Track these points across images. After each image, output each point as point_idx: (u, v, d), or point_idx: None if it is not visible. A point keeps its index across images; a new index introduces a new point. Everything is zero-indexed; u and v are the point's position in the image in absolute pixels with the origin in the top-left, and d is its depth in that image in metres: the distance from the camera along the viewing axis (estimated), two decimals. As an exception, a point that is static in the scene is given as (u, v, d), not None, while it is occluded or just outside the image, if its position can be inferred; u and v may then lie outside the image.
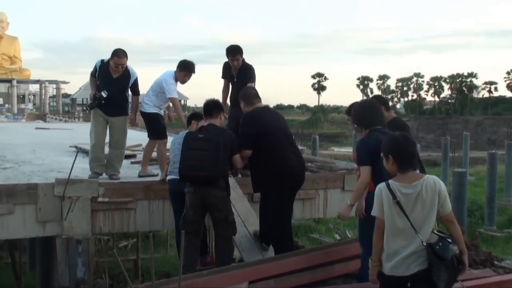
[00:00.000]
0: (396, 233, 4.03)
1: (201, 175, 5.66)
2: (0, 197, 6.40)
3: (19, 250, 12.02)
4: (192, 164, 5.66)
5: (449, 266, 3.90)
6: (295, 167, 6.22)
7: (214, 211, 5.83)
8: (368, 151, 5.01)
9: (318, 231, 16.14)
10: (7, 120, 42.84)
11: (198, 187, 5.73)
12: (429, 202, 3.98)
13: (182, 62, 7.53)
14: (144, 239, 14.07)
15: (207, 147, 5.66)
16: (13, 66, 71.85)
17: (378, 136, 4.98)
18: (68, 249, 6.55)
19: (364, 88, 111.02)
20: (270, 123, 6.18)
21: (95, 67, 7.43)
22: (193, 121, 6.89)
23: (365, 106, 5.58)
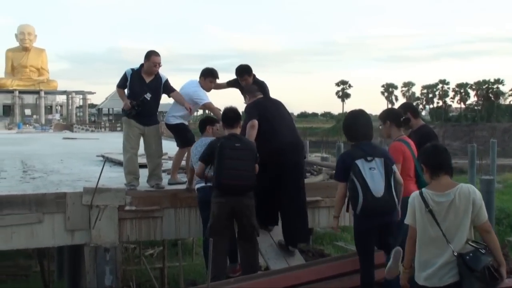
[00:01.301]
0: (428, 242, 3.99)
1: (241, 184, 5.72)
2: (30, 206, 6.50)
3: (47, 259, 12.16)
4: (234, 174, 5.67)
5: (481, 278, 3.78)
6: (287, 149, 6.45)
7: (243, 218, 5.86)
8: (342, 167, 5.17)
9: (343, 239, 16.03)
10: (35, 131, 43.62)
11: (231, 196, 5.75)
12: (462, 210, 3.90)
13: (206, 70, 7.60)
14: (170, 247, 14.12)
15: (245, 157, 5.73)
16: (40, 77, 73.07)
17: (355, 152, 5.11)
18: (96, 258, 6.61)
19: (388, 95, 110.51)
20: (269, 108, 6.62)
21: (124, 77, 7.35)
22: (208, 127, 6.91)
23: (352, 117, 5.52)
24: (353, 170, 4.94)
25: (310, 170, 8.81)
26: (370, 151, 5.08)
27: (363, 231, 5.18)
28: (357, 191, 4.90)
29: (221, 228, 5.90)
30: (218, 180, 5.73)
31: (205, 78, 7.55)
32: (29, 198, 6.56)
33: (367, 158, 4.99)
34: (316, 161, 10.47)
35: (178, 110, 7.54)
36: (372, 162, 4.98)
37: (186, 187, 7.16)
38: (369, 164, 4.96)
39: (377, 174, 4.93)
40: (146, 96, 7.21)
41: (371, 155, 5.02)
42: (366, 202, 4.88)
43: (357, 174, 4.92)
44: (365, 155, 5.01)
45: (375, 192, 4.88)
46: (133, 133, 7.35)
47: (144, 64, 7.30)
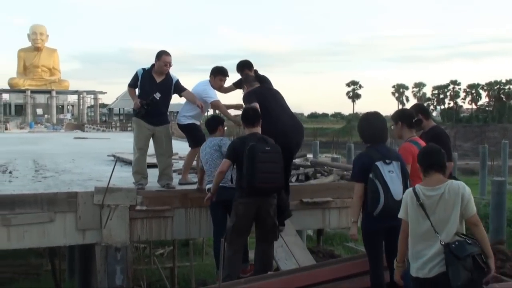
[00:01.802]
0: (419, 235, 4.17)
1: (273, 186, 5.78)
2: (42, 206, 6.55)
3: (59, 258, 12.24)
4: (268, 177, 5.68)
5: (466, 266, 3.93)
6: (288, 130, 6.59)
7: (267, 218, 5.90)
8: (361, 167, 5.13)
9: (353, 240, 15.99)
10: (46, 130, 43.92)
11: (258, 196, 5.78)
12: (452, 204, 4.09)
13: (215, 68, 7.59)
14: (180, 247, 14.17)
15: (276, 159, 5.76)
16: (52, 77, 73.54)
17: (373, 154, 5.10)
18: (107, 257, 6.65)
19: (399, 96, 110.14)
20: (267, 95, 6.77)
21: (135, 77, 7.38)
22: (220, 127, 6.90)
23: (368, 119, 5.49)
24: (373, 172, 4.94)
25: (320, 171, 8.80)
26: (386, 154, 5.10)
27: (374, 231, 5.15)
28: (378, 192, 4.89)
29: (243, 228, 5.93)
30: (252, 184, 5.67)
31: (215, 76, 7.55)
32: (41, 197, 6.61)
33: (386, 160, 4.99)
34: (327, 161, 10.45)
35: (189, 110, 7.55)
36: (390, 165, 4.99)
37: (196, 187, 7.18)
38: (388, 167, 4.97)
39: (395, 177, 4.95)
40: (155, 95, 7.22)
41: (388, 158, 5.02)
42: (387, 204, 4.87)
43: (378, 175, 4.92)
44: (383, 158, 5.02)
45: (395, 194, 4.88)
46: (143, 133, 7.36)
47: (155, 64, 7.33)
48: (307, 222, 7.94)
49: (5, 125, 50.78)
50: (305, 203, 7.61)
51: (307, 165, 9.14)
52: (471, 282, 3.95)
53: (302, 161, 9.54)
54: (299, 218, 7.59)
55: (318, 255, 10.52)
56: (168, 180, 7.41)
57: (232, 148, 6.02)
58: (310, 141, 27.50)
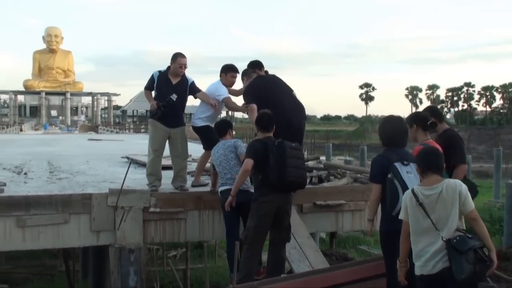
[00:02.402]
0: (421, 233, 4.29)
1: (301, 182, 5.98)
2: (56, 207, 6.60)
3: (72, 259, 12.31)
4: (297, 172, 5.85)
5: (468, 259, 4.01)
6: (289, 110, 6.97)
7: (285, 218, 5.98)
8: (380, 168, 5.18)
9: (366, 243, 15.94)
10: (61, 132, 44.27)
11: (281, 194, 5.86)
12: (450, 201, 4.20)
13: (225, 66, 7.65)
14: (193, 249, 14.19)
15: (301, 156, 6.04)
16: (66, 79, 74.11)
17: (391, 156, 5.15)
18: (121, 258, 6.68)
19: (413, 98, 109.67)
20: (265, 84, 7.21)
21: (151, 79, 7.42)
22: (229, 130, 6.92)
23: (391, 123, 5.51)
24: (392, 172, 4.98)
25: (334, 173, 8.78)
26: (404, 156, 5.14)
27: (392, 232, 5.13)
28: (396, 192, 4.92)
29: (265, 227, 5.95)
30: (283, 178, 5.74)
31: (226, 73, 7.58)
32: (56, 198, 6.66)
33: (404, 162, 5.02)
34: (340, 164, 10.41)
35: (204, 112, 7.57)
36: (408, 166, 5.02)
37: (210, 190, 7.19)
38: (406, 168, 5.00)
39: (413, 178, 4.96)
40: (172, 97, 7.25)
41: (406, 160, 5.06)
42: None
43: (397, 175, 4.96)
44: (401, 159, 5.06)
45: None
46: (159, 135, 7.39)
47: (171, 66, 7.36)
48: (321, 224, 7.94)
49: (20, 126, 51.25)
50: (318, 206, 7.60)
51: (320, 168, 9.13)
52: (475, 274, 4.05)
53: (316, 164, 9.53)
54: (313, 221, 7.59)
55: (331, 258, 10.49)
56: (182, 182, 7.43)
57: (253, 148, 6.07)
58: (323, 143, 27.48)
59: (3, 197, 6.63)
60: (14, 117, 67.51)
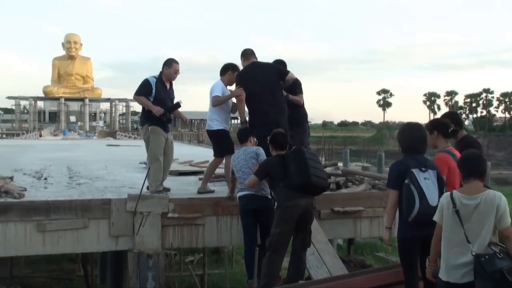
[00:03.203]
0: (452, 241, 4.20)
1: (324, 185, 6.05)
2: (76, 212, 6.65)
3: (91, 263, 12.40)
4: (320, 174, 5.91)
5: (494, 281, 3.93)
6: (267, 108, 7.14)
7: (309, 221, 5.96)
8: (397, 174, 5.13)
9: (384, 250, 15.86)
10: (79, 137, 44.62)
11: (305, 197, 5.84)
12: (486, 215, 4.09)
13: (225, 65, 7.71)
14: (210, 255, 14.21)
15: (319, 161, 6.10)
16: (85, 85, 74.76)
17: (409, 162, 5.09)
18: (139, 263, 6.70)
19: (431, 104, 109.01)
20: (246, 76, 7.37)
21: (148, 85, 7.37)
22: (251, 137, 6.91)
23: (410, 130, 5.45)
24: (409, 178, 4.95)
25: (351, 180, 8.76)
26: (423, 162, 5.09)
27: (409, 238, 5.10)
28: (413, 197, 4.89)
29: (289, 232, 5.91)
30: (306, 178, 5.79)
31: (225, 73, 7.65)
32: (75, 203, 6.72)
33: (422, 168, 4.99)
34: (358, 170, 10.37)
35: (219, 113, 7.58)
36: (426, 172, 4.98)
37: (228, 195, 7.20)
38: (423, 174, 4.96)
39: (431, 184, 4.93)
40: (180, 102, 7.44)
41: (424, 166, 5.02)
42: (422, 209, 4.85)
43: (413, 181, 4.92)
44: (419, 165, 5.03)
45: (430, 200, 4.86)
46: (161, 140, 7.46)
47: (164, 71, 7.46)
48: (338, 231, 7.92)
49: (39, 132, 51.78)
50: (336, 212, 7.57)
51: (338, 174, 9.10)
52: None
53: (333, 170, 9.50)
54: (330, 227, 7.57)
55: (349, 264, 10.46)
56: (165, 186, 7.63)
57: (265, 166, 6.18)
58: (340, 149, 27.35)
59: (24, 202, 6.70)
60: (34, 123, 68.25)
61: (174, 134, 46.22)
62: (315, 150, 6.07)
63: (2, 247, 6.44)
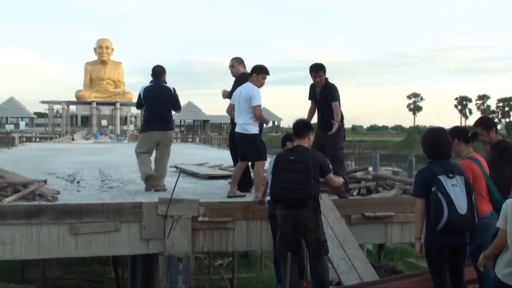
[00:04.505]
0: None
1: (293, 197, 5.63)
2: (108, 215, 6.73)
3: (122, 266, 12.52)
4: (287, 187, 5.62)
5: None
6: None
7: (306, 231, 5.78)
8: (423, 182, 5.02)
9: (414, 256, 15.66)
10: (110, 141, 45.08)
11: (290, 209, 5.70)
12: None
13: (257, 67, 7.65)
14: (239, 258, 14.23)
15: (300, 169, 5.63)
16: (116, 89, 75.50)
17: (435, 169, 4.97)
18: (170, 267, 6.73)
19: (462, 109, 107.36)
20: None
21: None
22: (288, 143, 6.86)
23: (433, 135, 5.33)
24: (436, 185, 4.84)
25: (382, 185, 8.68)
26: (450, 168, 4.97)
27: (437, 247, 5.02)
28: (441, 206, 4.78)
29: (286, 239, 5.85)
30: (274, 193, 5.78)
31: (258, 74, 7.59)
32: (107, 207, 6.81)
33: (449, 174, 4.88)
34: (388, 175, 10.28)
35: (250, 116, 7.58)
36: (453, 179, 4.87)
37: (258, 199, 7.19)
38: (451, 181, 4.85)
39: (459, 191, 4.82)
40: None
41: (452, 172, 4.91)
42: (450, 218, 4.75)
43: (441, 189, 4.81)
44: (446, 172, 4.90)
45: (459, 208, 4.76)
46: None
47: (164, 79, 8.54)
48: (369, 236, 7.85)
49: (72, 136, 52.54)
50: (367, 217, 7.52)
51: (368, 179, 9.04)
52: None
53: (364, 175, 9.44)
54: (361, 232, 7.51)
55: (380, 270, 10.34)
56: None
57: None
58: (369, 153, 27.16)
59: (57, 205, 6.82)
60: (66, 127, 69.17)
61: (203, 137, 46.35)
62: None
63: (36, 249, 6.56)
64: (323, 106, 7.83)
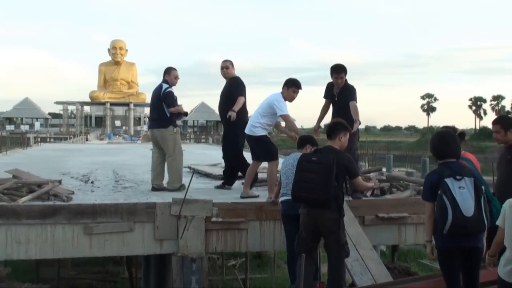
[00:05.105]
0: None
1: (312, 197, 5.62)
2: (122, 215, 6.75)
3: (135, 266, 12.57)
4: (304, 186, 5.63)
5: None
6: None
7: (327, 233, 5.77)
8: (430, 185, 5.00)
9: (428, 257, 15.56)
10: (124, 141, 45.30)
11: (311, 208, 5.71)
12: None
13: (289, 80, 7.62)
14: (252, 259, 14.22)
15: (319, 170, 5.61)
16: (130, 90, 75.93)
17: (443, 171, 4.95)
18: (183, 267, 6.74)
19: (476, 109, 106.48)
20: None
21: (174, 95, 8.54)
22: (308, 145, 6.84)
23: (439, 137, 5.33)
24: (442, 188, 4.81)
25: (396, 186, 8.64)
26: (458, 170, 4.93)
27: (446, 250, 4.98)
28: (446, 208, 4.75)
29: (306, 238, 5.85)
30: (292, 192, 5.83)
31: (289, 88, 7.56)
32: (121, 207, 6.83)
33: (456, 177, 4.84)
34: (402, 176, 10.23)
35: (266, 122, 7.58)
36: (461, 181, 4.82)
37: (271, 200, 7.18)
38: (458, 183, 4.81)
39: (467, 193, 4.77)
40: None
41: (460, 174, 4.87)
42: (455, 221, 4.71)
43: (446, 191, 4.78)
44: (454, 174, 4.87)
45: (465, 211, 4.71)
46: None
47: (166, 78, 8.56)
48: (383, 237, 7.81)
49: (86, 136, 52.88)
50: (380, 218, 7.48)
51: (382, 180, 9.00)
52: None
53: (378, 175, 9.39)
54: (375, 233, 7.48)
55: (394, 271, 10.28)
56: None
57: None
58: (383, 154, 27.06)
59: (71, 205, 6.86)
60: (81, 127, 69.69)
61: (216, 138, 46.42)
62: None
63: (51, 249, 6.60)
64: (342, 107, 7.81)
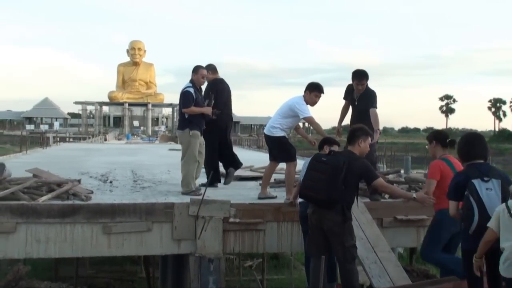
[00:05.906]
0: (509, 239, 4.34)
1: (316, 196, 5.66)
2: (140, 215, 6.80)
3: (153, 266, 12.62)
4: (310, 185, 5.69)
5: None
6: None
7: (331, 234, 5.73)
8: (456, 185, 5.01)
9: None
10: (142, 142, 45.62)
11: (317, 208, 5.73)
12: None
13: (312, 84, 7.60)
14: (269, 260, 14.20)
15: (325, 170, 5.61)
16: (148, 90, 76.44)
17: (471, 172, 4.94)
18: (201, 267, 6.76)
19: (496, 111, 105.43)
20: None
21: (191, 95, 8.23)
22: (325, 146, 6.81)
23: (468, 139, 5.30)
24: (468, 189, 4.81)
25: (415, 188, 8.57)
26: (486, 172, 4.90)
27: (471, 250, 4.94)
28: (472, 209, 4.74)
29: (313, 238, 5.84)
30: (300, 189, 6.00)
31: (311, 92, 7.54)
32: (140, 207, 6.87)
33: (484, 178, 4.82)
34: (421, 178, 10.14)
35: (287, 124, 7.57)
36: (489, 182, 4.80)
37: (289, 201, 7.16)
38: (485, 185, 4.79)
39: (494, 194, 4.75)
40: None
41: (487, 176, 4.84)
42: (481, 221, 4.69)
43: (473, 193, 4.77)
44: (481, 175, 4.85)
45: (491, 212, 4.68)
46: (198, 143, 8.32)
47: (193, 78, 8.33)
48: (401, 239, 7.78)
49: (104, 136, 53.31)
50: (399, 220, 7.45)
51: (401, 181, 8.94)
52: None
53: (396, 177, 9.33)
54: (393, 235, 7.45)
55: (412, 274, 10.17)
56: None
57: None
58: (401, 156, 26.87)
59: (90, 205, 6.91)
60: (99, 127, 70.27)
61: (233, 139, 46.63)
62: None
63: (70, 248, 6.67)
64: (361, 112, 7.80)
